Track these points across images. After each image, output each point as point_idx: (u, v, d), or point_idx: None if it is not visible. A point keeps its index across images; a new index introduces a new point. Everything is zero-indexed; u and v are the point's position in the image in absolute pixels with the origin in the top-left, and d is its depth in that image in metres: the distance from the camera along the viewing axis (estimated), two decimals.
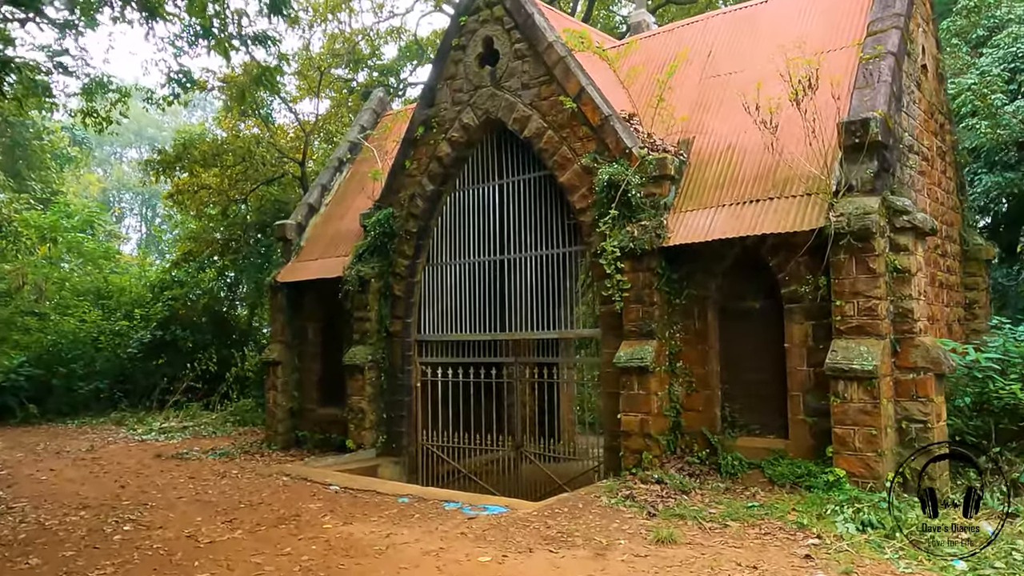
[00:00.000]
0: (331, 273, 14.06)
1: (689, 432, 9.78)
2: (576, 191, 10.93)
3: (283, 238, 15.63)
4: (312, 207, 15.97)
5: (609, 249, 9.80)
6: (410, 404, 13.15)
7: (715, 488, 8.83)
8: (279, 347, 15.06)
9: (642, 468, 9.52)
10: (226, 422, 18.70)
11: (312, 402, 14.93)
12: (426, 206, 12.97)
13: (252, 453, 14.27)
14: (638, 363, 9.62)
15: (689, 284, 9.88)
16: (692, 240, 9.40)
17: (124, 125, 58.39)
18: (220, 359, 20.90)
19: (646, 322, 9.81)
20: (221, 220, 22.44)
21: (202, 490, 10.54)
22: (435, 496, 9.28)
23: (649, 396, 9.64)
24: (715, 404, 9.64)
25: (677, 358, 9.92)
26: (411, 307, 13.26)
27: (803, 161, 9.03)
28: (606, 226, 9.94)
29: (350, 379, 13.35)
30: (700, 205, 9.81)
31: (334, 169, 16.55)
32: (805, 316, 8.91)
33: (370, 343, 13.28)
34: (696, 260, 9.81)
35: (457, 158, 12.65)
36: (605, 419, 10.62)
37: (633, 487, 8.87)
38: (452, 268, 13.00)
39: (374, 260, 13.45)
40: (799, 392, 8.92)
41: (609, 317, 10.51)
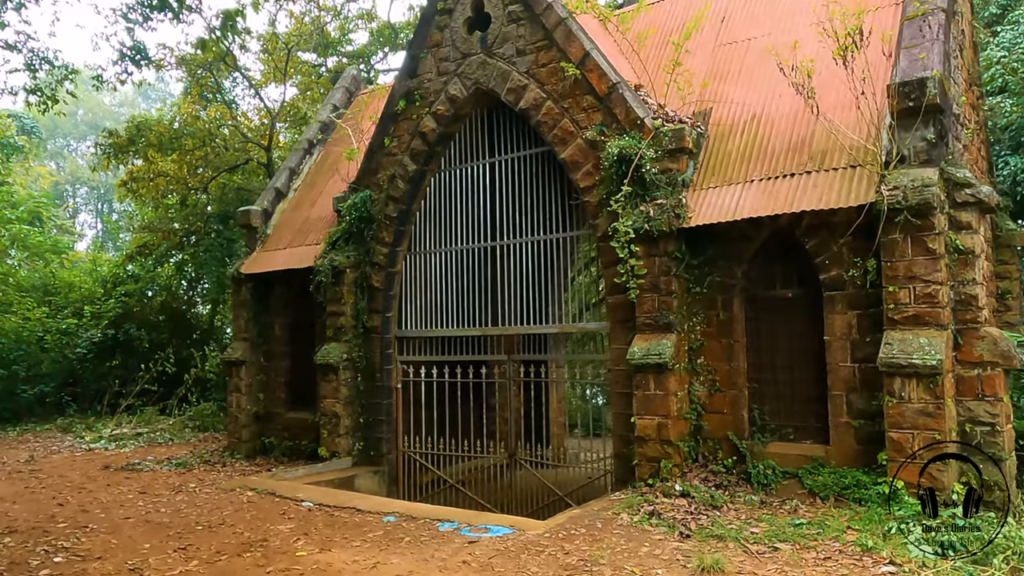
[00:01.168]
0: (301, 263, 12.72)
1: (712, 437, 8.67)
2: (579, 168, 9.76)
3: (247, 226, 14.22)
4: (279, 192, 14.59)
5: (622, 230, 8.64)
6: (390, 407, 11.88)
7: (748, 502, 7.72)
8: (243, 345, 13.66)
9: (660, 479, 8.38)
10: (184, 428, 17.20)
11: (280, 405, 13.56)
12: (408, 188, 11.71)
13: (212, 463, 12.85)
14: (655, 360, 8.48)
15: (711, 270, 8.77)
16: (718, 220, 8.29)
17: (78, 117, 55.82)
18: (179, 360, 19.38)
19: (663, 313, 8.68)
20: (180, 210, 20.85)
21: (153, 508, 9.15)
22: (426, 514, 8.03)
23: (667, 397, 8.51)
24: (742, 405, 8.54)
25: (698, 354, 8.81)
26: (391, 300, 11.98)
27: (845, 129, 7.97)
28: (618, 205, 8.78)
29: (322, 380, 12.03)
30: (724, 181, 8.71)
31: (303, 152, 15.18)
32: (848, 305, 7.85)
33: (345, 340, 11.97)
34: (720, 243, 8.71)
35: (443, 134, 11.41)
36: (614, 423, 9.47)
37: (655, 501, 7.72)
38: (437, 256, 11.76)
39: (349, 248, 12.14)
40: (841, 391, 7.85)
41: (619, 308, 9.38)
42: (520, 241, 10.78)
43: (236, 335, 13.92)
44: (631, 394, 9.03)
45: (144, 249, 20.72)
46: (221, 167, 19.59)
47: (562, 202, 10.39)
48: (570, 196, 10.24)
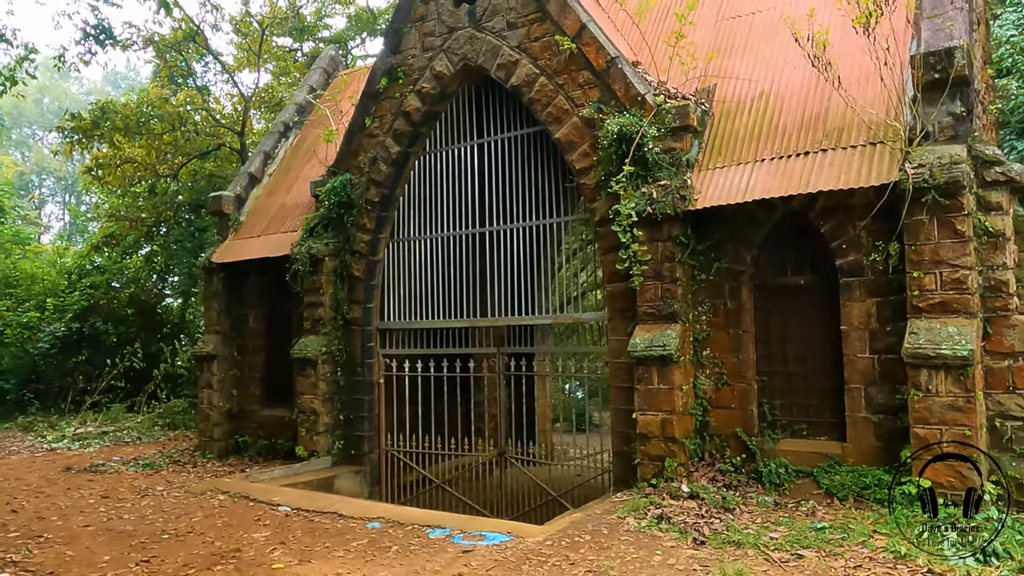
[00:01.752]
0: (277, 251, 12.00)
1: (719, 434, 8.14)
2: (575, 148, 9.17)
3: (219, 212, 13.45)
4: (253, 177, 13.83)
5: (624, 212, 8.05)
6: (371, 403, 11.23)
7: (762, 503, 7.20)
8: (215, 339, 12.91)
9: (664, 478, 7.83)
10: (154, 426, 16.38)
11: (254, 402, 12.83)
12: (391, 171, 11.04)
13: (182, 463, 12.11)
14: (659, 352, 7.92)
15: (718, 256, 8.23)
16: (727, 201, 7.74)
17: (44, 105, 54.17)
18: (148, 355, 18.49)
19: (667, 302, 8.12)
20: (149, 199, 19.94)
21: (116, 515, 8.43)
22: (414, 519, 7.41)
23: (672, 391, 7.96)
24: (751, 400, 8.02)
25: (704, 345, 8.27)
26: (372, 290, 11.32)
27: (864, 105, 7.45)
28: (619, 186, 8.20)
29: (300, 375, 11.34)
30: (731, 161, 8.16)
31: (279, 135, 14.42)
32: (867, 292, 7.35)
33: (324, 333, 11.29)
34: (727, 227, 8.17)
35: (428, 113, 10.75)
36: (613, 419, 8.92)
37: (662, 504, 7.17)
38: (422, 244, 11.11)
39: (328, 235, 11.45)
40: (859, 384, 7.35)
41: (618, 297, 8.81)
42: (511, 227, 10.17)
43: (207, 328, 13.17)
44: (632, 388, 8.48)
45: (111, 239, 19.79)
46: (192, 153, 18.72)
47: (556, 185, 9.79)
48: (565, 179, 9.65)
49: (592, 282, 10.45)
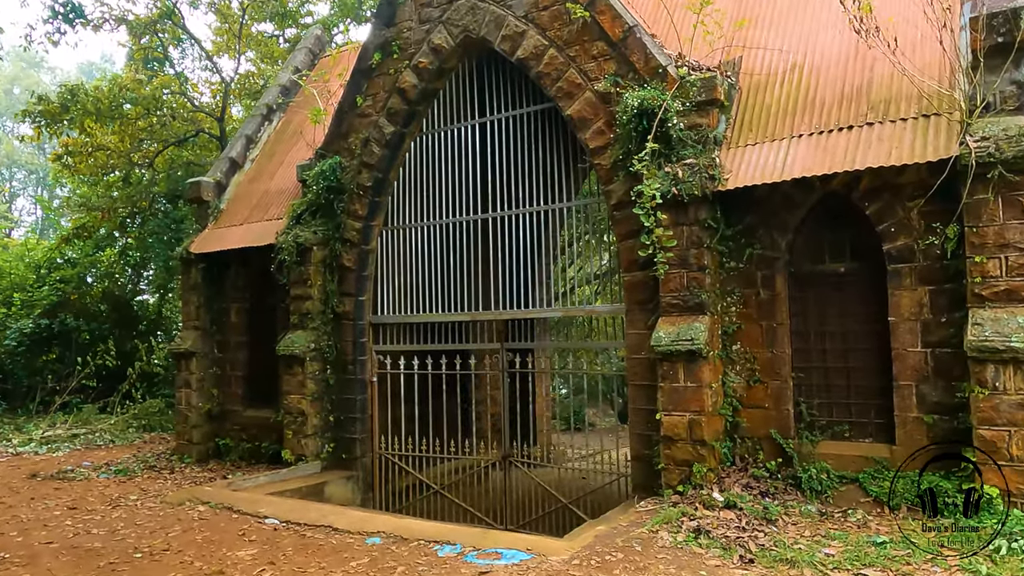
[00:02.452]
0: (260, 240, 11.16)
1: (751, 436, 7.45)
2: (589, 126, 8.44)
3: (198, 200, 12.57)
4: (234, 162, 12.96)
5: (648, 194, 7.31)
6: (364, 403, 10.44)
7: (805, 513, 6.51)
8: (194, 334, 12.05)
9: (692, 485, 7.13)
10: (128, 428, 15.45)
11: (236, 402, 11.99)
12: (384, 153, 10.25)
13: (159, 469, 11.25)
14: (686, 346, 7.21)
15: (750, 242, 7.53)
16: (763, 180, 7.04)
17: (15, 95, 52.54)
18: (122, 353, 17.54)
19: (694, 292, 7.41)
20: (123, 189, 18.94)
21: (84, 529, 7.59)
22: (419, 534, 6.63)
23: (701, 389, 7.25)
24: (786, 399, 7.34)
25: (734, 339, 7.57)
26: (364, 281, 10.52)
27: (914, 73, 6.77)
28: (642, 165, 7.46)
29: (286, 373, 10.52)
30: (764, 137, 7.47)
31: (262, 118, 13.55)
32: (919, 279, 6.68)
33: (312, 327, 10.47)
34: (759, 210, 7.48)
35: (425, 91, 9.97)
36: (632, 420, 8.20)
37: (697, 515, 6.45)
38: (418, 231, 10.34)
39: (317, 223, 10.63)
40: (910, 381, 6.69)
41: (637, 288, 8.10)
42: (516, 213, 9.43)
43: (186, 323, 12.29)
44: (653, 387, 7.78)
45: (82, 231, 18.76)
46: (168, 140, 17.76)
47: (566, 167, 9.07)
48: (576, 160, 8.92)
49: (609, 272, 9.69)
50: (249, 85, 20.50)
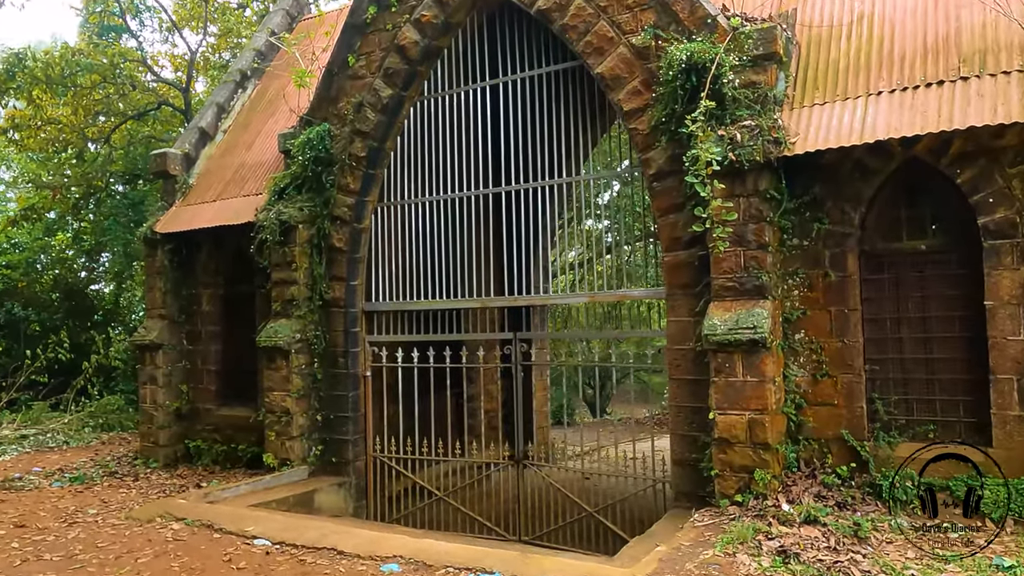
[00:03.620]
0: (237, 218, 9.94)
1: (818, 437, 6.55)
2: (623, 85, 7.42)
3: (163, 174, 11.26)
4: (205, 133, 11.66)
5: (705, 159, 6.30)
6: (356, 401, 9.32)
7: (896, 528, 5.61)
8: (160, 324, 10.76)
9: (753, 494, 6.19)
10: (84, 427, 14.04)
11: (209, 400, 10.75)
12: (380, 119, 9.10)
13: (121, 475, 9.99)
14: (747, 335, 6.25)
15: (816, 216, 6.61)
16: (839, 143, 6.10)
17: None
18: (76, 345, 16.07)
19: (753, 273, 6.45)
20: (76, 167, 17.39)
21: (33, 554, 6.38)
22: (445, 558, 5.58)
23: (763, 385, 6.30)
24: (859, 394, 6.44)
25: (796, 327, 6.65)
26: (357, 264, 9.38)
27: (1016, 18, 5.88)
28: (696, 126, 6.44)
29: (269, 367, 9.34)
30: (834, 96, 6.54)
31: (235, 85, 12.25)
32: (1022, 257, 5.81)
33: (298, 316, 9.29)
34: (828, 180, 6.56)
35: (428, 49, 8.85)
36: (674, 419, 7.23)
37: (773, 531, 5.51)
38: (419, 207, 9.23)
39: (303, 198, 9.44)
40: (1011, 375, 5.83)
41: (680, 270, 7.13)
42: (533, 186, 8.37)
43: (150, 311, 10.99)
44: (700, 381, 6.86)
45: (31, 212, 17.18)
46: (127, 113, 16.26)
47: (595, 132, 8.04)
48: (611, 123, 7.89)
49: (643, 252, 8.65)
50: (217, 63, 19.00)
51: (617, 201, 8.81)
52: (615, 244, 9.85)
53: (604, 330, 10.03)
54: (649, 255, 8.27)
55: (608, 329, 10.66)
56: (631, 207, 8.54)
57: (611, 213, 8.93)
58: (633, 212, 8.76)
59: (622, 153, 8.15)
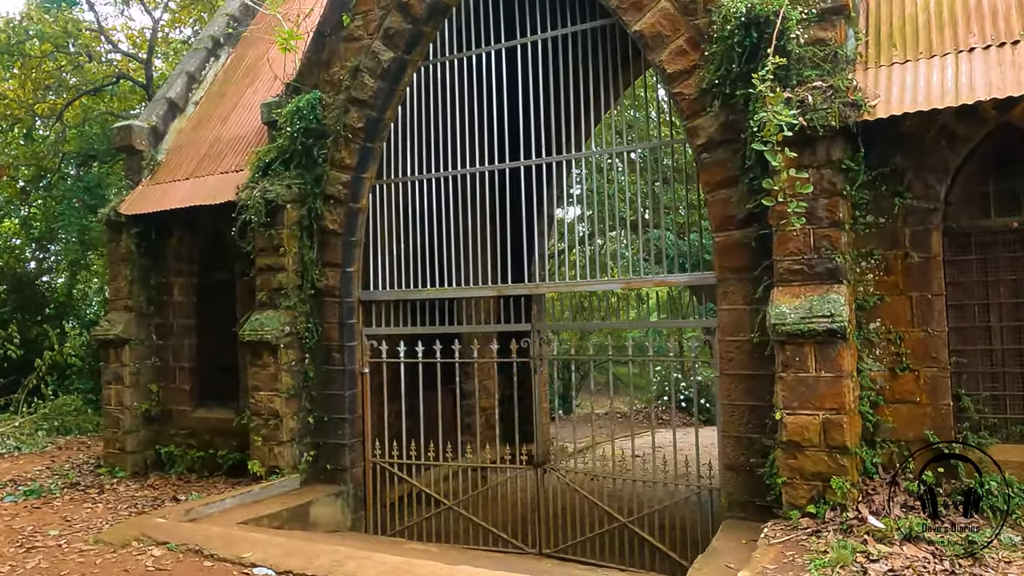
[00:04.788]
0: (214, 198, 8.89)
1: (897, 439, 5.83)
2: (665, 45, 6.60)
3: (128, 149, 10.11)
4: (174, 104, 10.52)
5: (776, 122, 5.47)
6: (353, 400, 8.38)
7: (1008, 544, 4.90)
8: (125, 317, 9.64)
9: (830, 505, 5.45)
10: (37, 430, 12.76)
11: (182, 400, 9.69)
12: (380, 86, 8.15)
13: (84, 487, 8.89)
14: (823, 324, 5.49)
15: (895, 190, 5.86)
16: (930, 106, 5.36)
17: None
18: (26, 341, 14.74)
19: (825, 253, 5.69)
20: (24, 147, 15.96)
21: None
22: None
23: (840, 381, 5.55)
24: (944, 391, 5.73)
25: (871, 315, 5.92)
26: (352, 248, 8.43)
27: None
28: (765, 85, 5.63)
29: (254, 364, 8.33)
30: (915, 54, 5.80)
31: (207, 52, 11.11)
32: None
33: (286, 307, 8.30)
34: (908, 149, 5.82)
35: (435, 6, 7.93)
36: (726, 419, 6.46)
37: (872, 551, 4.76)
38: (423, 185, 8.31)
39: (291, 174, 8.43)
40: None
41: (733, 251, 6.37)
42: (558, 160, 7.50)
43: (114, 303, 9.86)
44: (759, 376, 6.15)
45: None
46: (81, 88, 14.91)
47: (616, 99, 7.18)
48: (653, 86, 7.06)
49: (689, 231, 7.80)
50: (175, 42, 17.63)
51: (647, 173, 7.94)
52: (652, 225, 9.02)
53: (637, 320, 9.20)
54: (691, 236, 7.45)
55: (631, 319, 9.84)
56: (671, 182, 7.69)
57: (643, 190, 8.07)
58: (674, 187, 7.92)
59: (660, 124, 7.29)
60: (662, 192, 7.51)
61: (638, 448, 9.10)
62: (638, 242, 7.71)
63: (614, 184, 7.40)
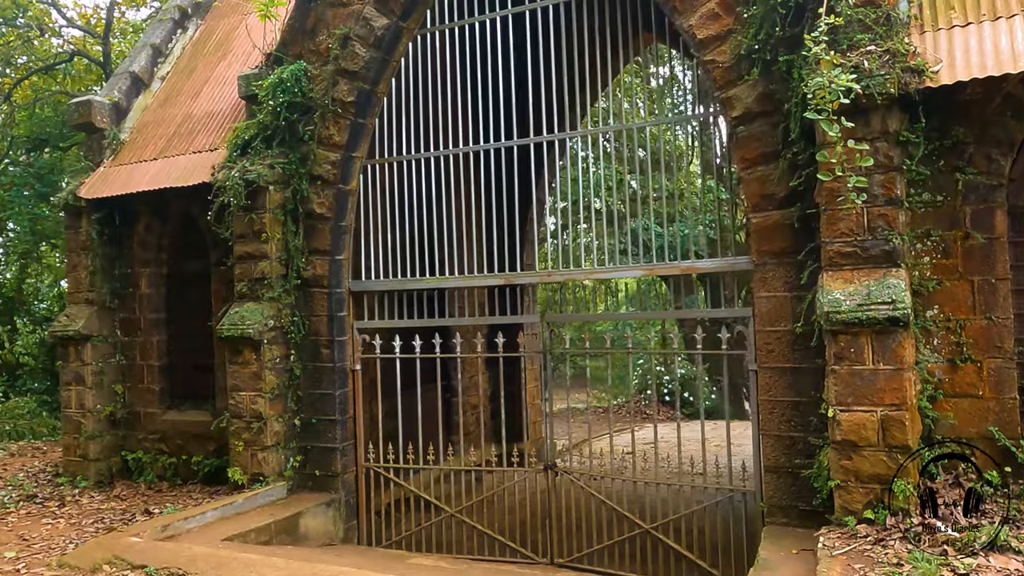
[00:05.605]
0: (186, 179, 8.10)
1: (957, 437, 5.35)
2: (695, 8, 6.05)
3: (87, 126, 9.21)
4: (138, 79, 9.63)
5: (835, 88, 4.93)
6: (344, 400, 7.69)
7: None
8: (86, 311, 8.78)
9: (890, 510, 4.95)
10: None
11: (152, 402, 8.87)
12: (372, 56, 7.45)
13: (42, 500, 8.05)
14: (884, 312, 4.98)
15: (954, 165, 5.38)
16: (1000, 71, 4.86)
17: None
18: None
19: (881, 234, 5.19)
20: None
21: None
22: None
23: (901, 374, 5.05)
24: (1010, 383, 5.28)
25: (929, 302, 5.43)
26: (342, 235, 7.73)
27: None
28: (819, 48, 5.09)
29: (233, 362, 7.58)
30: (977, 16, 5.32)
31: (173, 24, 10.23)
32: None
33: (270, 298, 7.56)
34: (969, 119, 5.33)
35: None
36: (765, 416, 5.93)
37: (957, 563, 4.26)
38: (419, 165, 7.63)
39: (273, 153, 7.68)
40: None
41: (772, 233, 5.86)
42: (569, 137, 6.89)
43: (74, 295, 8.98)
44: (802, 369, 5.66)
45: None
46: (32, 66, 13.82)
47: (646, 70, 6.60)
48: (676, 54, 6.49)
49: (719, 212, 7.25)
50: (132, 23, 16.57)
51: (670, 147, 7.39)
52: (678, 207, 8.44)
53: (659, 309, 8.64)
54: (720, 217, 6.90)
55: (659, 308, 9.25)
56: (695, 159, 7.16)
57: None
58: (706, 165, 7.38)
59: (684, 97, 6.75)
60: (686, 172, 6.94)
61: (641, 445, 8.57)
62: (652, 228, 7.12)
63: (634, 161, 6.79)
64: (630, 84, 7.03)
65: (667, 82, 7.38)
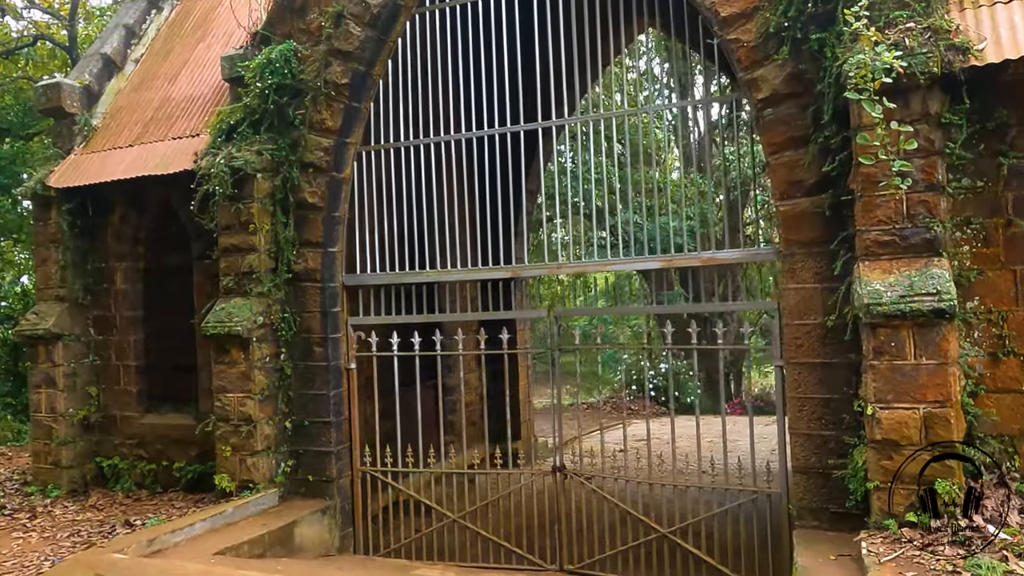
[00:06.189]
0: (166, 167, 7.59)
1: (999, 434, 5.11)
2: None
3: (56, 111, 8.63)
4: (110, 61, 9.07)
5: (878, 66, 4.64)
6: (339, 401, 7.26)
7: None
8: (57, 308, 8.22)
9: (933, 513, 4.69)
10: None
11: (129, 405, 8.34)
12: (368, 36, 7.02)
13: (12, 511, 7.52)
14: (930, 303, 4.71)
15: (995, 148, 5.12)
16: None
17: None
18: None
19: (921, 222, 4.91)
20: None
21: None
22: None
23: (945, 369, 4.79)
24: None
25: (969, 293, 5.17)
26: (335, 225, 7.28)
27: None
28: (860, 23, 4.79)
29: (220, 361, 7.10)
30: None
31: (147, 3, 9.67)
32: None
33: (258, 293, 7.10)
34: (1010, 102, 5.07)
35: None
36: (794, 414, 5.65)
37: (1019, 571, 3.99)
38: (418, 152, 7.22)
39: (261, 139, 7.21)
40: None
41: (801, 221, 5.58)
42: (582, 121, 6.53)
43: (43, 292, 8.41)
44: (834, 364, 5.41)
45: None
46: None
47: (666, 50, 6.26)
48: (695, 33, 6.15)
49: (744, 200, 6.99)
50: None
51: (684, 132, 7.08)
52: (698, 194, 8.11)
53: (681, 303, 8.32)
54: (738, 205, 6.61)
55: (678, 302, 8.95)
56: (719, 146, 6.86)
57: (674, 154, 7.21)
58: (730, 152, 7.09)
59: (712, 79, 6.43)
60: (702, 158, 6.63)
61: (632, 442, 8.27)
62: (670, 217, 6.78)
63: (651, 143, 6.46)
64: (643, 69, 6.72)
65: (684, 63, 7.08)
